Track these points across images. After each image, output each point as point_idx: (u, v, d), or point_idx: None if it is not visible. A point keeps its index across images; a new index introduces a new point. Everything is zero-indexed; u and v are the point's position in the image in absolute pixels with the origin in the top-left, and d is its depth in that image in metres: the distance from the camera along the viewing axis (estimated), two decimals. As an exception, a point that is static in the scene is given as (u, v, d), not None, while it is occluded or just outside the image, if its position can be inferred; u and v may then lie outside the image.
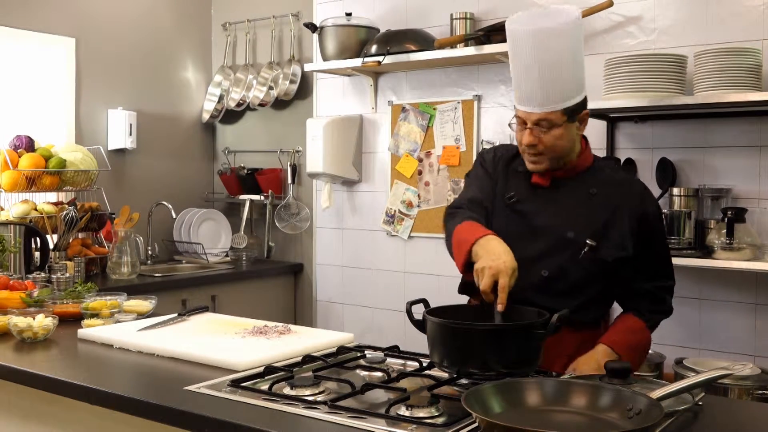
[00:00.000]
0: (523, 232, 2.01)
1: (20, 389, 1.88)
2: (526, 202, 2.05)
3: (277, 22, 4.37)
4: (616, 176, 2.10)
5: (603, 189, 2.03)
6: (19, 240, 3.11)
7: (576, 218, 2.00)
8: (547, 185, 2.05)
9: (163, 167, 4.47)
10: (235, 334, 2.07)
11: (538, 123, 1.95)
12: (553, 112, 1.94)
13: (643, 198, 2.06)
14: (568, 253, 1.97)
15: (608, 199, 2.01)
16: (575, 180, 2.04)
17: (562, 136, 1.96)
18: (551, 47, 1.90)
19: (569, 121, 1.96)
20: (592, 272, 1.99)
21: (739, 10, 3.00)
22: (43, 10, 3.90)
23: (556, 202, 2.03)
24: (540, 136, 1.96)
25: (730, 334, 3.05)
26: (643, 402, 1.34)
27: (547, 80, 1.92)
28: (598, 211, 2.00)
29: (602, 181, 2.05)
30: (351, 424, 1.39)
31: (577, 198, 2.03)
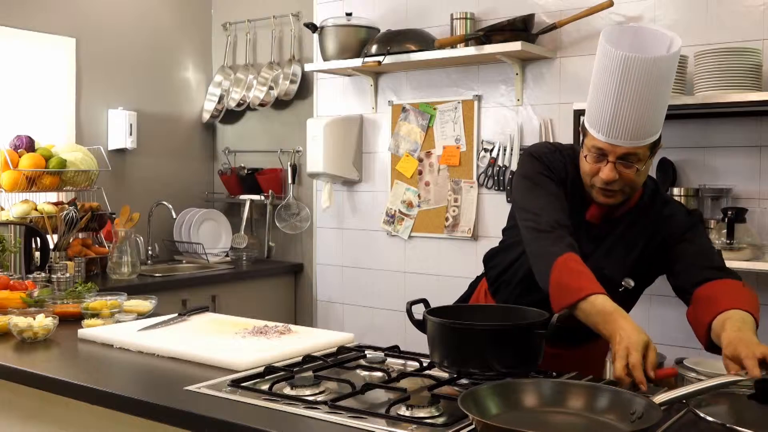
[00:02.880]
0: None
1: (20, 389, 1.88)
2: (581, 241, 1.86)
3: (277, 22, 4.37)
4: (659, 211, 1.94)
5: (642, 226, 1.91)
6: (19, 240, 3.11)
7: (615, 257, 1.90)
8: (598, 223, 1.92)
9: (164, 167, 4.47)
10: (236, 334, 2.07)
11: (624, 157, 1.78)
12: (641, 147, 1.78)
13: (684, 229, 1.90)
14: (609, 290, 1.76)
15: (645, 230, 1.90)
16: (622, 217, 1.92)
17: (645, 171, 1.84)
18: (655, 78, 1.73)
19: (651, 156, 1.83)
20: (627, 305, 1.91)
21: (740, 10, 3.00)
22: (43, 10, 3.90)
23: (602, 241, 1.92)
24: (621, 171, 1.80)
25: (731, 334, 3.05)
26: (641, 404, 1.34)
27: (644, 113, 1.75)
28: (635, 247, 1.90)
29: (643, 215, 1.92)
30: (351, 424, 1.39)
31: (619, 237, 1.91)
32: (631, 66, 1.73)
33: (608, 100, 1.76)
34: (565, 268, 1.75)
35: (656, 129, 1.80)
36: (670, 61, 1.77)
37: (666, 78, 1.77)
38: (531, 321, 1.68)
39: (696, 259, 1.86)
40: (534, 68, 3.50)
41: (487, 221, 3.65)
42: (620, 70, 1.74)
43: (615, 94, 1.75)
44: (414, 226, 3.87)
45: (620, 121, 1.76)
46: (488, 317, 1.77)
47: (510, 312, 1.79)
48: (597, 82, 1.81)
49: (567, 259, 1.76)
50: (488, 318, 1.76)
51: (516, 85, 3.53)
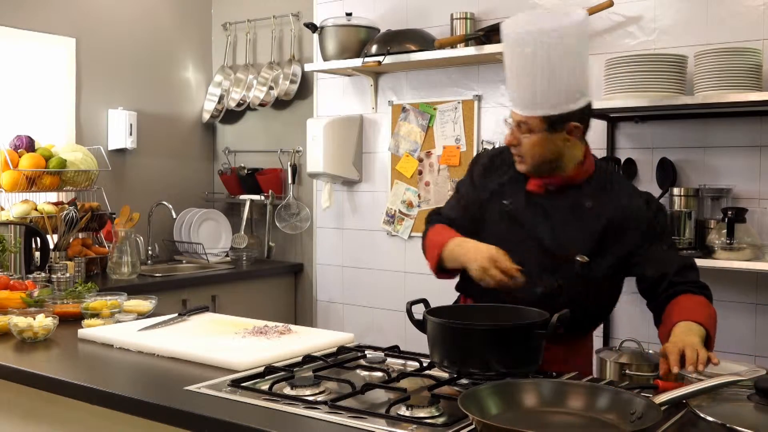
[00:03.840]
0: (520, 241, 1.97)
1: (21, 389, 1.88)
2: (523, 211, 2.00)
3: (277, 22, 4.37)
4: (616, 190, 2.01)
5: (598, 201, 1.97)
6: (19, 240, 3.11)
7: (569, 233, 1.95)
8: (541, 192, 2.00)
9: (164, 167, 4.47)
10: (236, 334, 2.07)
11: (519, 125, 1.93)
12: (532, 117, 1.90)
13: (645, 209, 1.99)
14: (563, 270, 1.93)
15: (604, 212, 1.95)
16: (570, 192, 1.98)
17: (540, 143, 1.91)
18: (542, 44, 1.83)
19: (550, 131, 1.89)
20: (587, 287, 1.95)
21: (740, 10, 3.00)
22: (43, 10, 3.90)
23: (551, 214, 1.98)
24: (519, 138, 1.94)
25: (730, 334, 3.05)
26: (641, 404, 1.34)
27: (534, 84, 1.86)
28: (591, 226, 1.95)
29: (601, 195, 1.98)
30: (351, 424, 1.39)
31: (571, 211, 1.97)
32: (519, 38, 1.88)
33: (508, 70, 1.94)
34: (433, 232, 2.06)
35: (549, 104, 1.87)
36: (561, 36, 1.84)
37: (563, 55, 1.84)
38: (531, 321, 1.68)
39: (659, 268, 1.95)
40: (534, 68, 3.49)
41: (487, 221, 3.65)
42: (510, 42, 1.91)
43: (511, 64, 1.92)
44: (414, 226, 3.87)
45: (515, 89, 1.93)
46: (488, 317, 1.77)
47: (510, 312, 1.79)
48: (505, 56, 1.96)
49: (436, 227, 2.07)
50: (488, 318, 1.76)
51: (516, 85, 3.53)
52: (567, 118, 1.90)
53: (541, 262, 1.94)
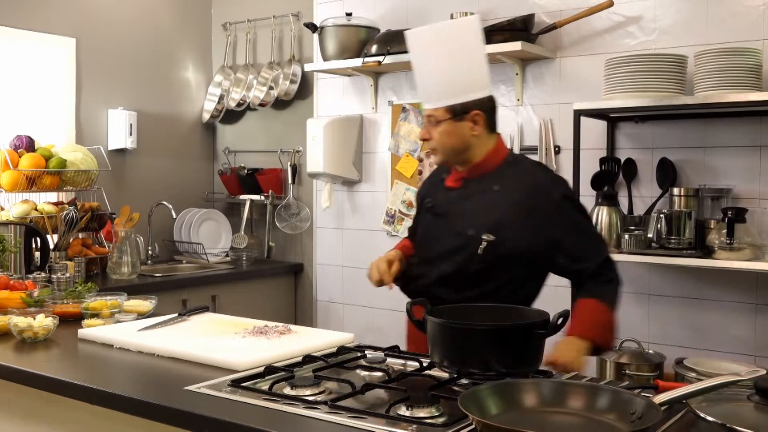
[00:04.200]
0: (436, 233, 2.17)
1: (21, 389, 1.88)
2: (441, 205, 2.19)
3: (277, 22, 4.37)
4: (521, 171, 2.14)
5: (507, 185, 2.10)
6: (19, 240, 3.11)
7: (477, 216, 2.09)
8: (459, 186, 2.16)
9: (164, 167, 4.47)
10: (236, 334, 2.07)
11: (428, 118, 2.10)
12: (437, 109, 2.07)
13: (549, 190, 2.09)
14: (469, 249, 2.06)
15: (511, 195, 2.07)
16: (483, 180, 2.13)
17: (448, 133, 2.08)
18: (433, 48, 2.06)
19: (456, 120, 2.07)
20: (492, 266, 2.05)
21: (740, 10, 3.00)
22: (43, 10, 3.90)
23: (464, 202, 2.14)
24: (430, 131, 2.10)
25: (731, 334, 3.06)
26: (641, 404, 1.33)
27: (430, 78, 2.08)
28: (499, 207, 2.07)
29: (508, 177, 2.11)
30: (351, 424, 1.39)
31: (481, 197, 2.11)
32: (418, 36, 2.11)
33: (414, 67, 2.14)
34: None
35: (450, 94, 2.06)
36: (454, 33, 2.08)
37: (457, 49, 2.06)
38: (531, 321, 1.68)
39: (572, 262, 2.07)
40: (534, 68, 3.50)
41: (487, 221, 3.65)
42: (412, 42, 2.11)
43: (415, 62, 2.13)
44: (414, 226, 3.86)
45: (420, 85, 2.13)
46: (488, 317, 1.77)
47: (510, 312, 1.80)
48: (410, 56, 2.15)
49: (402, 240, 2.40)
50: (488, 318, 1.76)
51: (516, 85, 3.53)
52: (469, 107, 2.07)
53: (456, 245, 2.09)
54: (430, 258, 2.14)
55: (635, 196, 3.22)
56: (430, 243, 2.17)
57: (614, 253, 2.98)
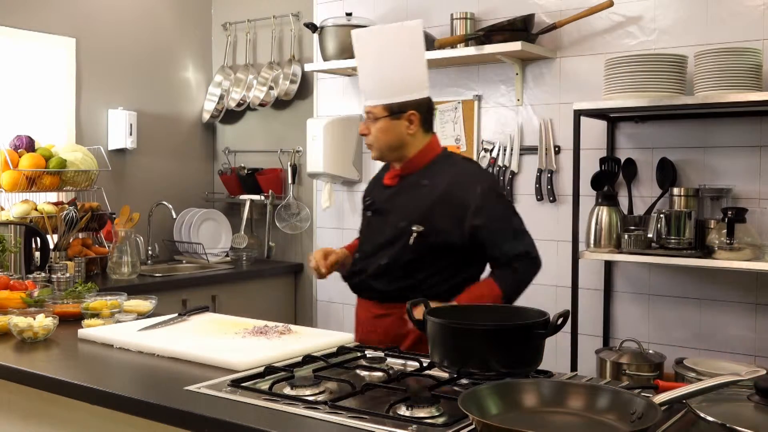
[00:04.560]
0: (374, 229, 2.31)
1: (21, 389, 1.88)
2: (378, 202, 2.33)
3: (277, 22, 4.37)
4: (448, 166, 2.26)
5: (435, 180, 2.22)
6: (19, 240, 3.11)
7: (408, 209, 2.21)
8: (394, 184, 2.29)
9: (164, 167, 4.47)
10: (236, 334, 2.07)
11: (367, 114, 2.23)
12: (376, 106, 2.20)
13: (471, 181, 2.20)
14: (401, 241, 2.19)
15: (438, 188, 2.19)
16: (415, 175, 2.26)
17: (386, 130, 2.21)
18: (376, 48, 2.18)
19: (393, 118, 2.20)
20: (423, 256, 2.17)
21: (740, 10, 3.00)
22: (43, 10, 3.90)
23: (397, 198, 2.27)
24: (369, 127, 2.23)
25: (731, 334, 3.06)
26: (641, 404, 1.33)
27: (372, 76, 2.19)
28: (427, 200, 2.19)
29: (437, 172, 2.23)
30: (351, 424, 1.39)
31: (412, 191, 2.24)
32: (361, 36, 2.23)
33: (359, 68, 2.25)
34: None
35: (388, 93, 2.19)
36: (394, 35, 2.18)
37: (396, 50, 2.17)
38: (531, 321, 1.68)
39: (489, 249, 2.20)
40: (534, 68, 3.50)
41: (487, 221, 3.65)
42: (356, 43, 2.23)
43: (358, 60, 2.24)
44: (414, 226, 3.86)
45: (362, 82, 2.25)
46: (488, 317, 1.77)
47: (510, 312, 1.80)
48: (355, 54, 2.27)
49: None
50: (488, 318, 1.76)
51: (516, 85, 3.53)
52: (406, 107, 2.20)
53: (390, 238, 2.22)
54: (369, 253, 2.27)
55: (635, 196, 3.22)
56: (369, 239, 2.31)
57: (614, 253, 2.99)
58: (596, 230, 3.05)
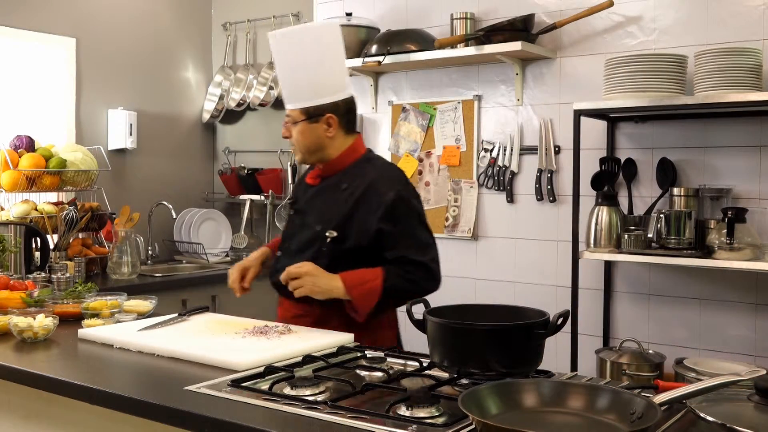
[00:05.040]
0: (295, 228, 2.33)
1: (20, 389, 1.88)
2: (300, 202, 2.35)
3: (277, 22, 4.37)
4: (366, 171, 2.25)
5: (353, 183, 2.22)
6: (19, 240, 3.11)
7: (325, 213, 2.23)
8: (316, 184, 2.31)
9: (164, 167, 4.47)
10: (236, 334, 2.07)
11: (287, 118, 2.24)
12: (294, 110, 2.21)
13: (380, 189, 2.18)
14: (316, 245, 2.20)
15: (355, 192, 2.20)
16: (334, 178, 2.27)
17: (305, 132, 2.21)
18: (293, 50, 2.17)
19: (310, 121, 2.20)
20: (338, 260, 2.15)
21: (740, 10, 3.00)
22: (43, 10, 3.90)
23: (317, 199, 2.29)
24: (290, 129, 2.24)
25: (731, 334, 3.06)
26: (641, 404, 1.33)
27: (289, 80, 2.20)
28: (344, 204, 2.20)
29: (356, 176, 2.23)
30: (351, 424, 1.39)
31: (331, 194, 2.25)
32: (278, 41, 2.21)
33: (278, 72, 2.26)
34: None
35: (305, 97, 2.19)
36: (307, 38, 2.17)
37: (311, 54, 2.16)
38: (531, 321, 1.68)
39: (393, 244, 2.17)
40: (534, 68, 3.50)
41: (487, 221, 3.65)
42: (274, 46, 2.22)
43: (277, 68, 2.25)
44: (414, 226, 3.86)
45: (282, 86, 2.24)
46: (488, 317, 1.77)
47: (510, 312, 1.80)
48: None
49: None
50: (488, 318, 1.76)
51: (516, 85, 3.53)
52: (322, 110, 2.20)
53: (308, 240, 2.24)
54: (291, 252, 2.28)
55: (635, 196, 3.22)
56: (290, 238, 2.33)
57: (614, 252, 2.99)
58: (596, 230, 3.05)
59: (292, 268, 2.12)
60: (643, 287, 3.24)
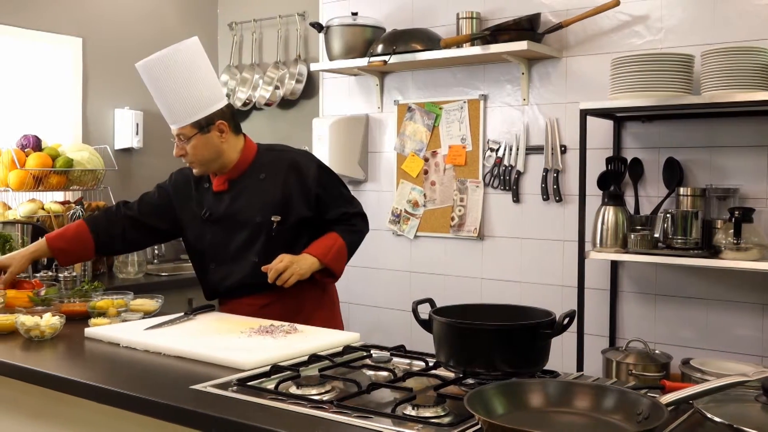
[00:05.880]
0: (221, 236, 2.40)
1: (28, 387, 1.89)
2: (216, 210, 2.41)
3: (283, 21, 4.38)
4: (278, 156, 2.43)
5: (270, 171, 2.38)
6: (26, 239, 3.12)
7: (258, 204, 2.36)
8: (227, 188, 2.40)
9: (169, 167, 4.44)
10: (241, 333, 2.07)
11: (179, 137, 2.34)
12: (184, 127, 2.31)
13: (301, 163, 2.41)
14: (264, 234, 2.35)
15: (277, 177, 2.37)
16: (247, 174, 2.40)
17: (201, 145, 2.32)
18: (163, 76, 2.28)
19: (203, 132, 2.31)
20: (286, 239, 2.36)
21: (747, 9, 2.99)
22: (50, 10, 3.91)
23: (239, 198, 2.39)
24: (185, 148, 2.33)
25: (737, 335, 3.05)
26: (647, 404, 1.33)
27: (170, 102, 2.29)
28: (273, 190, 2.36)
29: (268, 163, 2.40)
30: (357, 424, 1.39)
31: (253, 187, 2.38)
32: (143, 70, 2.35)
33: (154, 97, 2.36)
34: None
35: (190, 113, 2.29)
36: (170, 62, 2.28)
37: (179, 74, 2.28)
38: (537, 321, 1.67)
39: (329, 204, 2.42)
40: (540, 68, 3.49)
41: (493, 221, 3.65)
42: (145, 75, 2.35)
43: (153, 93, 2.36)
44: (420, 225, 3.87)
45: (162, 110, 2.35)
46: (494, 317, 1.77)
47: (516, 311, 1.79)
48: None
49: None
50: (494, 318, 1.76)
51: (522, 84, 3.53)
52: (212, 119, 2.32)
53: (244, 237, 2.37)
54: (229, 258, 2.39)
55: (641, 195, 3.21)
56: (218, 247, 2.40)
57: (621, 252, 2.99)
58: (602, 230, 3.05)
59: (276, 266, 2.27)
60: (650, 287, 3.23)
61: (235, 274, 2.40)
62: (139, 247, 2.93)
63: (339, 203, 2.46)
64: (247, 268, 2.37)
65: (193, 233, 2.47)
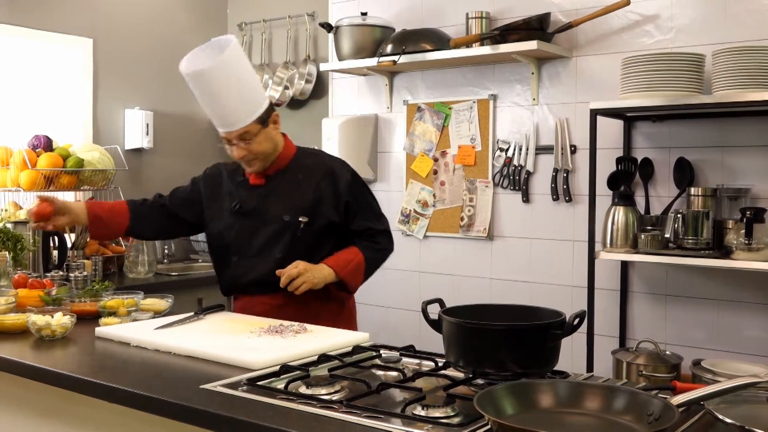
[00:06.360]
0: (248, 230, 2.42)
1: (39, 386, 1.90)
2: (247, 203, 2.44)
3: (292, 21, 4.38)
4: (316, 160, 2.48)
5: (307, 173, 2.43)
6: (37, 239, 3.14)
7: (289, 203, 2.39)
8: (263, 183, 2.44)
9: (180, 167, 4.48)
10: (251, 333, 2.07)
11: (242, 137, 2.32)
12: (249, 126, 2.31)
13: (336, 170, 2.45)
14: (289, 233, 2.37)
15: (312, 180, 2.41)
16: (284, 172, 2.44)
17: (264, 140, 2.36)
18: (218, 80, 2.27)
19: (264, 127, 2.35)
20: (311, 242, 2.39)
21: (758, 8, 2.97)
22: (60, 11, 3.93)
23: (272, 195, 2.42)
24: (248, 147, 2.33)
25: (749, 335, 3.03)
26: (658, 405, 1.33)
27: (231, 104, 2.29)
28: (306, 192, 2.41)
29: (306, 166, 2.45)
30: (367, 424, 1.39)
31: (288, 186, 2.42)
32: (194, 79, 2.34)
33: (203, 104, 2.37)
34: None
35: (251, 110, 2.31)
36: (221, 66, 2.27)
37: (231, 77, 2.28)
38: (547, 321, 1.67)
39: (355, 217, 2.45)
40: (550, 67, 3.48)
41: (502, 221, 3.64)
42: (192, 83, 2.36)
43: (201, 99, 2.36)
44: (429, 225, 3.86)
45: (220, 115, 2.33)
46: (504, 317, 1.76)
47: (526, 312, 1.79)
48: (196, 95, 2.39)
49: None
50: (504, 318, 1.76)
51: (532, 84, 3.52)
52: (268, 112, 2.37)
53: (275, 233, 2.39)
54: (253, 253, 2.42)
55: (652, 195, 3.20)
56: (243, 242, 2.43)
57: (631, 253, 2.97)
58: (612, 230, 3.03)
59: (290, 272, 2.29)
60: (660, 288, 3.22)
61: (256, 270, 2.41)
62: (165, 235, 3.11)
63: (366, 215, 2.48)
64: (270, 265, 2.37)
65: (219, 226, 2.49)
